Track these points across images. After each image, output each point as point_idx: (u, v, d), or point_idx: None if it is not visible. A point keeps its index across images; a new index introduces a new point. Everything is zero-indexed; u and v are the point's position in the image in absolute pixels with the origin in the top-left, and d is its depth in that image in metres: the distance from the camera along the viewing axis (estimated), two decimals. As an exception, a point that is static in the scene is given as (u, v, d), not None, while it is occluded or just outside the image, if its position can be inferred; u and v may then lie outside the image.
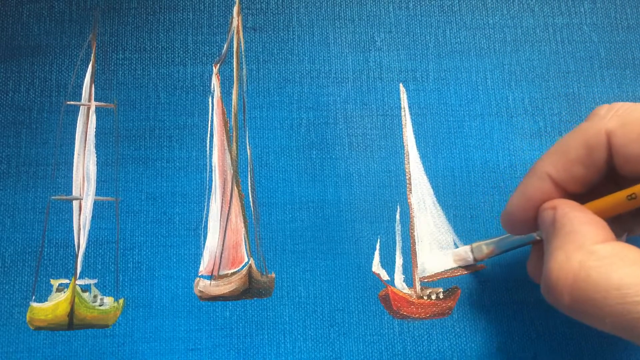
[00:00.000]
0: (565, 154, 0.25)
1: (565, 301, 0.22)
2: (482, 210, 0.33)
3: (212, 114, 0.34)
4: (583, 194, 0.26)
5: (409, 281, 0.32)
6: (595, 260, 0.21)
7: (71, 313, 0.31)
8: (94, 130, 0.33)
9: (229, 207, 0.33)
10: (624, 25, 0.37)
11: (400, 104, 0.35)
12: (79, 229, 0.32)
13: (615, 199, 0.24)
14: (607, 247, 0.22)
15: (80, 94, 0.34)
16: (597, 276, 0.21)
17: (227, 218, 0.32)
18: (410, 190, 0.33)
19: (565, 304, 0.22)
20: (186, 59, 0.35)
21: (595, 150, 0.24)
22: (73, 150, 0.33)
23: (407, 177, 0.34)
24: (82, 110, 0.34)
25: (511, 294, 0.32)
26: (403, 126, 0.34)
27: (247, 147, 0.34)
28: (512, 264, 0.32)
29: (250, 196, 0.33)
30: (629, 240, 0.25)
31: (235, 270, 0.32)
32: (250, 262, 0.32)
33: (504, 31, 0.37)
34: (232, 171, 0.33)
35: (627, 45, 0.37)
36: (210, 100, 0.34)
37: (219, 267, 0.32)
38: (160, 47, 0.35)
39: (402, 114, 0.35)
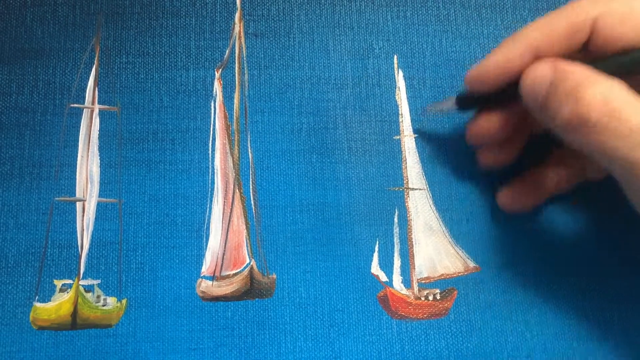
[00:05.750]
0: (552, 30, 0.28)
1: (593, 117, 0.25)
2: (477, 213, 0.34)
3: (214, 118, 0.35)
4: None
5: (407, 282, 0.33)
6: (618, 86, 0.25)
7: (74, 313, 0.31)
8: (98, 132, 0.34)
9: (231, 209, 0.33)
10: (613, 37, 0.38)
11: (398, 110, 0.36)
12: (83, 230, 0.32)
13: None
14: (619, 81, 0.25)
15: (84, 97, 0.34)
16: (623, 97, 0.25)
17: (229, 220, 0.33)
18: (408, 194, 0.34)
19: (592, 120, 0.25)
20: (189, 63, 0.35)
21: (579, 31, 0.28)
22: (76, 152, 0.34)
23: (404, 182, 0.35)
24: (85, 113, 0.34)
25: (505, 295, 0.33)
26: (400, 131, 0.35)
27: (249, 150, 0.34)
28: (507, 267, 0.33)
29: (251, 199, 0.34)
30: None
31: (237, 271, 0.32)
32: (251, 264, 0.32)
33: (498, 41, 0.37)
34: (234, 174, 0.34)
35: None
36: (212, 104, 0.35)
37: (221, 268, 0.32)
38: (163, 51, 0.36)
39: (400, 119, 0.36)
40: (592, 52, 0.28)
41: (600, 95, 0.25)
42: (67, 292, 0.31)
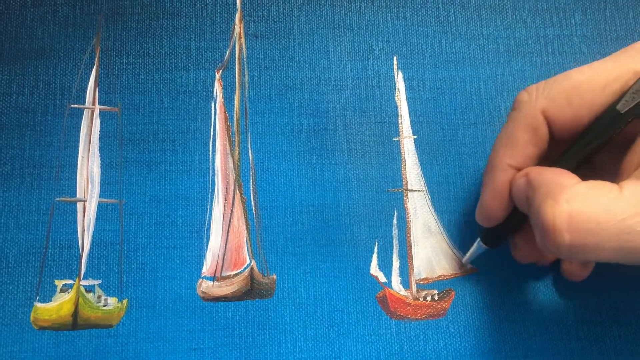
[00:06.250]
0: (516, 143, 0.28)
1: (566, 240, 0.23)
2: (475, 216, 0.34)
3: (214, 119, 0.35)
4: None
5: (406, 283, 0.33)
6: (580, 195, 0.24)
7: (75, 313, 0.31)
8: (98, 133, 0.34)
9: (231, 210, 0.33)
10: (613, 37, 0.38)
11: (398, 111, 0.36)
12: (83, 231, 0.33)
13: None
14: (583, 185, 0.24)
15: (84, 98, 0.35)
16: (587, 208, 0.23)
17: (230, 221, 0.33)
18: (407, 195, 0.35)
19: (566, 243, 0.23)
20: (189, 64, 0.36)
21: (539, 129, 0.28)
22: (77, 152, 0.34)
23: (403, 183, 0.35)
24: (86, 114, 0.34)
25: (503, 296, 0.33)
26: (400, 133, 0.36)
27: (249, 151, 0.34)
28: (504, 268, 0.34)
29: (252, 199, 0.34)
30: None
31: (237, 271, 0.33)
32: (252, 264, 0.33)
33: (498, 42, 0.38)
34: (234, 175, 0.34)
35: (615, 56, 0.38)
36: (212, 105, 0.35)
37: (222, 269, 0.32)
38: (163, 52, 0.36)
39: (399, 121, 0.36)
40: (561, 139, 0.28)
41: (564, 214, 0.23)
42: (68, 293, 0.32)
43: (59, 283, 0.32)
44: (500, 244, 0.32)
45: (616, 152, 0.27)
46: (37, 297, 0.31)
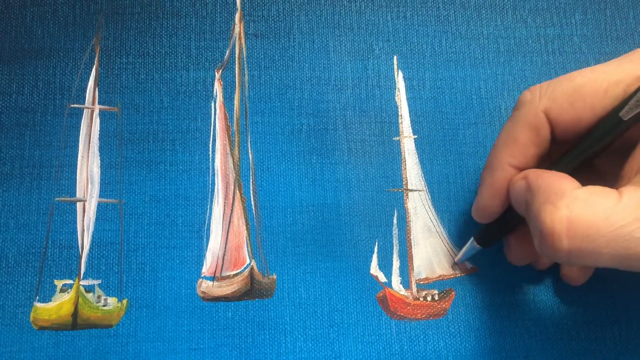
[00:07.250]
0: (517, 142, 0.28)
1: (564, 245, 0.23)
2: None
3: (214, 119, 0.35)
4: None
5: (406, 283, 0.33)
6: (580, 201, 0.24)
7: (75, 313, 0.31)
8: (98, 133, 0.34)
9: (231, 210, 0.33)
10: (613, 37, 0.38)
11: (398, 111, 0.36)
12: (83, 231, 0.32)
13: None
14: (583, 190, 0.24)
15: (84, 97, 0.35)
16: (586, 214, 0.23)
17: (230, 221, 0.33)
18: (407, 195, 0.35)
19: (564, 248, 0.23)
20: (189, 64, 0.35)
21: (541, 130, 0.28)
22: (77, 152, 0.34)
23: (404, 183, 0.35)
24: (85, 113, 0.34)
25: (503, 296, 0.33)
26: (400, 133, 0.36)
27: (249, 151, 0.34)
28: (504, 268, 0.33)
29: (252, 199, 0.34)
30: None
31: (237, 271, 0.33)
32: (252, 264, 0.33)
33: (498, 42, 0.38)
34: (234, 175, 0.34)
35: (616, 55, 0.37)
36: (212, 105, 0.35)
37: (222, 269, 0.32)
38: (163, 52, 0.36)
39: (399, 121, 0.36)
40: (562, 140, 0.28)
41: (563, 219, 0.23)
42: (68, 292, 0.31)
43: (59, 283, 0.32)
44: (494, 244, 0.32)
45: (617, 155, 0.27)
46: (37, 297, 0.31)
